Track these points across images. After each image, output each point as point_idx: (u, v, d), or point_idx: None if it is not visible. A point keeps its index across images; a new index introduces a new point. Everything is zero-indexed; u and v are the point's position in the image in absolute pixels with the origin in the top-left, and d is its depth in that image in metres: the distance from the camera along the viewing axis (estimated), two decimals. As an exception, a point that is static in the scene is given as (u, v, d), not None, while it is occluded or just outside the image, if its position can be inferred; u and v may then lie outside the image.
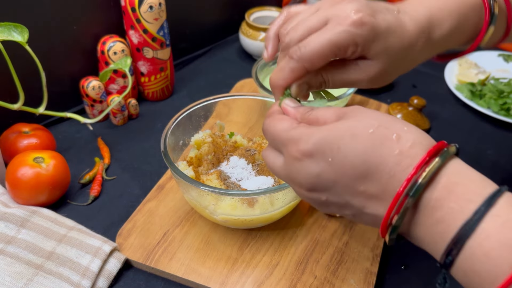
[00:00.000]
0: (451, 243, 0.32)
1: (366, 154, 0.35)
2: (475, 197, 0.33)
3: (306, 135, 0.38)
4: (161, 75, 0.88)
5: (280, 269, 0.58)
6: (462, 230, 0.32)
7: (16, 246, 0.57)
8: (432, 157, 0.34)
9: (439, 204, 0.33)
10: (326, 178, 0.37)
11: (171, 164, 0.57)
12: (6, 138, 0.70)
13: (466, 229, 0.32)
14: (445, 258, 0.33)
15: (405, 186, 0.34)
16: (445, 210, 0.33)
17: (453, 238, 0.32)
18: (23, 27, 0.64)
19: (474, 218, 0.31)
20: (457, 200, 0.33)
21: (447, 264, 0.33)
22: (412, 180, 0.33)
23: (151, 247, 0.60)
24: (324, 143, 0.36)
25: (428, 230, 0.34)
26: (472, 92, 0.93)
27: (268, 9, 1.08)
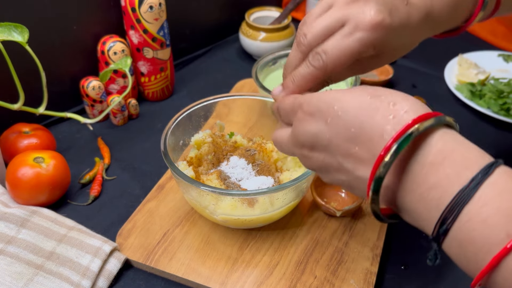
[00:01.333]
0: (446, 211, 0.31)
1: (360, 116, 0.36)
2: (472, 164, 0.32)
3: (309, 97, 0.40)
4: (161, 75, 0.88)
5: (280, 269, 0.58)
6: (458, 197, 0.31)
7: (16, 246, 0.57)
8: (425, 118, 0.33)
9: (434, 169, 0.32)
10: (323, 136, 0.38)
11: (171, 164, 0.57)
12: (6, 138, 0.70)
13: (462, 196, 0.31)
14: (439, 228, 0.32)
15: (391, 143, 0.33)
16: (440, 175, 0.32)
17: (449, 204, 0.31)
18: (23, 27, 0.64)
19: (471, 185, 0.31)
20: (453, 166, 0.32)
21: (440, 234, 0.32)
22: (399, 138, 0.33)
23: (151, 247, 0.60)
24: (323, 103, 0.38)
25: (421, 197, 0.33)
26: (472, 92, 0.93)
27: (268, 9, 1.08)
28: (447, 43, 1.12)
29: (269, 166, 0.65)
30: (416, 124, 0.33)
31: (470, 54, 1.07)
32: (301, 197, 0.62)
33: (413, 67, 1.06)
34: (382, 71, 0.98)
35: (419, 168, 0.33)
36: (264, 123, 0.75)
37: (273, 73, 0.88)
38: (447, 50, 1.08)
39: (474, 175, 0.31)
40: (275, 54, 0.88)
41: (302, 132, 0.40)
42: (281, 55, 0.89)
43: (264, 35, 1.00)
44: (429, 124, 0.33)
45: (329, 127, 0.37)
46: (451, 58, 1.05)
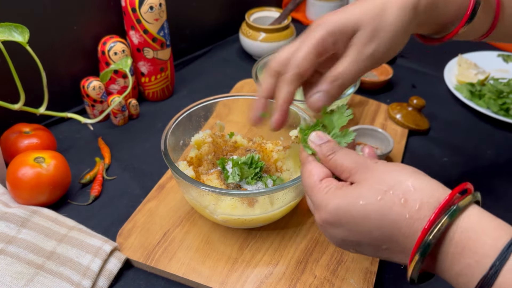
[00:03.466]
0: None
1: (379, 221, 0.38)
2: (490, 251, 0.34)
3: (325, 203, 0.41)
4: (162, 75, 0.88)
5: (280, 268, 0.59)
6: (481, 284, 0.34)
7: (17, 246, 0.57)
8: (440, 216, 0.36)
9: (456, 259, 0.35)
10: (351, 240, 0.41)
11: (171, 164, 0.57)
12: (6, 138, 0.70)
13: (485, 283, 0.33)
14: None
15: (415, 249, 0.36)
16: (462, 265, 0.35)
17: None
18: (24, 28, 0.64)
19: (491, 272, 0.33)
20: (473, 256, 0.35)
21: None
22: (422, 242, 0.36)
23: (151, 247, 0.60)
24: (339, 212, 0.40)
25: (452, 280, 0.37)
26: (472, 92, 0.93)
27: (268, 10, 1.08)
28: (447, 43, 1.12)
29: (269, 166, 0.65)
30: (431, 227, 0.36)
31: (469, 54, 1.07)
32: (301, 197, 0.62)
33: (412, 67, 1.06)
34: (382, 71, 0.98)
35: (444, 257, 0.36)
36: (264, 123, 0.75)
37: (273, 73, 0.88)
38: (446, 50, 1.08)
39: (492, 263, 0.33)
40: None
41: (329, 236, 0.43)
42: (281, 55, 0.89)
43: (264, 35, 1.00)
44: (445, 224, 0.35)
45: (353, 233, 0.40)
46: (450, 58, 1.05)
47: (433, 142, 0.85)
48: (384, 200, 0.38)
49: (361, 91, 0.95)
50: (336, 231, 0.41)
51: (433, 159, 0.81)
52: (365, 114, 0.89)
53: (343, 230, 0.41)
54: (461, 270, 0.35)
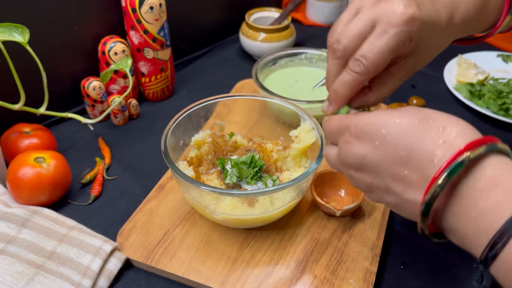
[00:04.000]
0: (496, 236, 0.32)
1: (410, 140, 0.36)
2: None
3: (356, 120, 0.40)
4: (162, 76, 0.88)
5: (280, 268, 0.59)
6: (508, 224, 0.31)
7: (17, 245, 0.57)
8: (477, 145, 0.34)
9: (484, 195, 0.33)
10: (371, 159, 0.39)
11: (171, 164, 0.58)
12: (7, 138, 0.71)
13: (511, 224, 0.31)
14: (488, 252, 0.32)
15: (443, 169, 0.34)
16: (490, 201, 0.32)
17: (499, 230, 0.32)
18: (24, 28, 0.64)
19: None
20: (504, 193, 0.32)
21: (489, 258, 0.32)
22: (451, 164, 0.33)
23: (151, 247, 0.60)
24: (371, 127, 0.39)
25: (470, 221, 0.34)
26: (471, 92, 0.93)
27: (268, 10, 1.08)
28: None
29: (269, 166, 0.65)
30: (467, 151, 0.33)
31: (469, 54, 1.07)
32: (301, 197, 0.62)
33: (412, 68, 1.06)
34: (381, 71, 0.98)
35: (469, 193, 0.34)
36: (264, 123, 0.75)
37: (273, 74, 0.89)
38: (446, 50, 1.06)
39: None
40: (275, 55, 0.88)
41: (349, 154, 0.41)
42: (281, 56, 0.89)
43: (264, 35, 1.00)
44: (479, 152, 0.33)
45: (378, 150, 0.38)
46: (450, 59, 1.05)
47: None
48: (421, 123, 0.36)
49: (361, 91, 0.95)
50: (360, 147, 0.39)
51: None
52: (365, 114, 0.89)
53: (369, 145, 0.39)
54: (487, 208, 0.32)
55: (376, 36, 0.42)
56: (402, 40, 0.42)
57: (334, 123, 0.44)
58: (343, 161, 0.42)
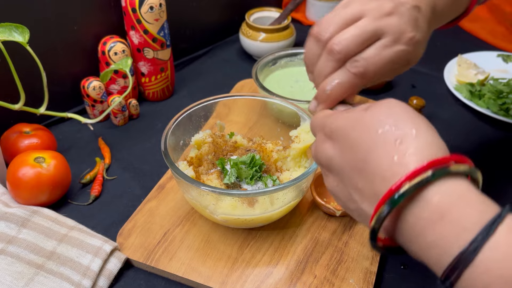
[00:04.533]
0: (448, 270, 0.30)
1: (367, 151, 0.36)
2: (472, 225, 0.30)
3: (332, 119, 0.41)
4: (162, 76, 0.88)
5: (280, 268, 0.59)
6: (458, 260, 0.30)
7: (17, 245, 0.57)
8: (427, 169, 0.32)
9: (432, 227, 0.31)
10: (336, 163, 0.39)
11: (171, 164, 0.58)
12: (7, 138, 0.70)
13: (462, 259, 0.30)
14: (444, 280, 0.31)
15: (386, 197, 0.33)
16: (437, 235, 0.31)
17: (449, 265, 0.30)
18: (24, 28, 0.64)
19: (470, 248, 0.29)
20: (451, 227, 0.31)
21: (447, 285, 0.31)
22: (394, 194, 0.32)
23: (151, 247, 0.60)
24: (340, 129, 0.39)
25: (422, 250, 0.33)
26: (471, 92, 0.93)
27: (268, 10, 1.08)
28: (447, 43, 1.12)
29: (269, 166, 0.65)
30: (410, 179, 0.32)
31: (469, 54, 1.07)
32: (301, 197, 0.62)
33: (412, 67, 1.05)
34: (381, 71, 0.98)
35: (416, 221, 0.32)
36: (264, 123, 0.75)
37: (273, 74, 0.89)
38: (446, 50, 1.08)
39: (474, 238, 0.29)
40: (275, 55, 0.88)
41: (319, 152, 0.42)
42: (281, 56, 0.89)
43: (264, 35, 1.00)
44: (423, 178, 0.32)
45: (343, 155, 0.38)
46: (450, 59, 1.05)
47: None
48: (382, 133, 0.36)
49: (361, 91, 0.95)
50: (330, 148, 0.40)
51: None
52: (365, 114, 0.89)
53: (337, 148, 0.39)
54: (435, 242, 0.31)
55: (382, 45, 0.44)
56: (403, 58, 0.45)
57: (318, 119, 0.44)
58: (317, 158, 0.43)
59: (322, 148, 0.41)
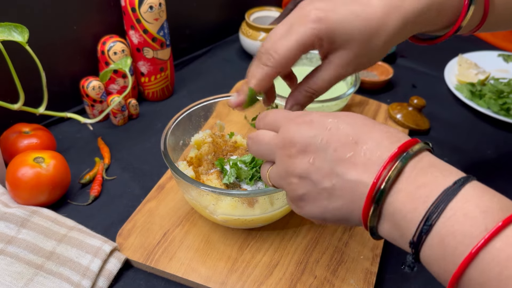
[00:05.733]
0: (433, 206, 0.33)
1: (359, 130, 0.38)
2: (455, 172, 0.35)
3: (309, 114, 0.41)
4: (161, 75, 0.88)
5: (280, 269, 0.58)
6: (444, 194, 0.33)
7: (16, 246, 0.57)
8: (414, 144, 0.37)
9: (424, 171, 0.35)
10: (321, 139, 0.39)
11: (171, 164, 0.57)
12: (6, 138, 0.70)
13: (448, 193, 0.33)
14: (423, 226, 0.33)
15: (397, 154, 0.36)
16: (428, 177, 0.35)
17: (436, 200, 0.33)
18: (23, 27, 0.64)
19: (456, 185, 0.34)
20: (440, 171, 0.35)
21: (423, 233, 0.33)
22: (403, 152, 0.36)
23: (151, 247, 0.60)
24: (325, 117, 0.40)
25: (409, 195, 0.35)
26: (472, 92, 0.93)
27: (268, 9, 1.08)
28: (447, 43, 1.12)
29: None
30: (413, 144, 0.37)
31: (470, 54, 1.07)
32: (301, 197, 0.62)
33: (413, 67, 1.06)
34: (382, 71, 0.98)
35: (411, 171, 0.35)
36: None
37: (273, 73, 0.88)
38: (447, 50, 1.08)
39: (458, 179, 0.34)
40: (275, 54, 0.88)
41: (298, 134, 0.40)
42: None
43: (264, 35, 1.00)
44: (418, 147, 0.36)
45: (329, 132, 0.39)
46: (451, 58, 1.05)
47: (434, 142, 0.84)
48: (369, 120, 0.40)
49: (361, 91, 0.95)
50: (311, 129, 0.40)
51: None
52: (365, 114, 0.89)
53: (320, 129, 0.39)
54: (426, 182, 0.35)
55: (287, 34, 0.46)
56: (309, 37, 0.45)
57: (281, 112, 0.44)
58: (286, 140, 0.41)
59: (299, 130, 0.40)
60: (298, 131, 0.40)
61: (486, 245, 0.31)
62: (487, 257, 0.31)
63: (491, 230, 0.31)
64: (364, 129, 0.38)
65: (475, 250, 0.31)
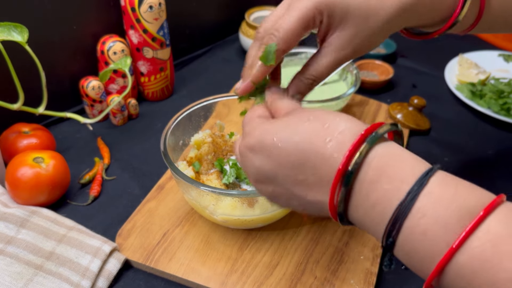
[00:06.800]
0: (389, 225, 0.33)
1: (300, 143, 0.37)
2: (408, 177, 0.33)
3: (253, 129, 0.41)
4: (161, 75, 0.88)
5: (280, 269, 0.58)
6: (398, 211, 0.32)
7: (16, 246, 0.57)
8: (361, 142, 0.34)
9: (373, 187, 0.34)
10: (267, 169, 0.39)
11: (171, 164, 0.57)
12: (5, 138, 0.70)
13: (402, 210, 0.32)
14: (386, 240, 0.33)
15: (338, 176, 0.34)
16: (379, 192, 0.33)
17: (391, 219, 0.33)
18: (23, 27, 0.64)
19: (408, 198, 0.32)
20: (390, 182, 0.33)
21: (389, 245, 0.33)
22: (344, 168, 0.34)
23: (151, 247, 0.60)
24: (263, 137, 0.39)
25: (367, 213, 0.35)
26: (472, 92, 0.93)
27: (268, 9, 1.08)
28: (447, 43, 1.12)
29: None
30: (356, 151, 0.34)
31: (470, 54, 1.07)
32: (301, 197, 0.62)
33: (413, 67, 1.06)
34: (382, 71, 0.98)
35: (360, 186, 0.35)
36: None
37: (273, 73, 0.88)
38: (447, 50, 1.08)
39: (410, 188, 0.32)
40: (275, 54, 0.88)
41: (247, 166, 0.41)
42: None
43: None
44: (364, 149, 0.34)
45: (272, 159, 0.39)
46: (451, 58, 1.05)
47: (434, 142, 0.84)
48: (308, 124, 0.37)
49: (361, 91, 0.95)
50: (254, 159, 0.40)
51: (434, 159, 0.80)
52: (366, 114, 0.88)
53: (262, 156, 0.39)
54: (378, 199, 0.33)
55: (287, 12, 0.44)
56: (310, 11, 0.44)
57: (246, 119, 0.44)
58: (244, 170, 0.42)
59: (247, 162, 0.41)
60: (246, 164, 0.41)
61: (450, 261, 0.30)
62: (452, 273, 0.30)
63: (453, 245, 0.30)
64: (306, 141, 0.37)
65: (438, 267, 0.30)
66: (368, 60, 1.00)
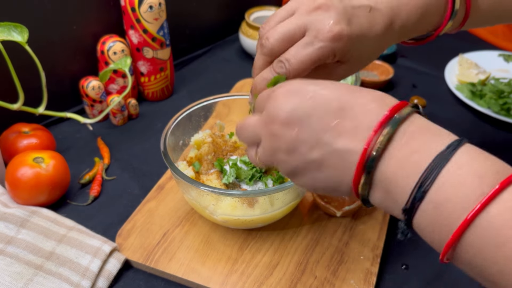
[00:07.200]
0: (426, 172, 0.32)
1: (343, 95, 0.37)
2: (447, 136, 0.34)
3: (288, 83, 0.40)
4: (161, 75, 0.88)
5: (280, 269, 0.58)
6: (437, 159, 0.32)
7: (16, 246, 0.57)
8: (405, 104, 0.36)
9: (415, 136, 0.34)
10: (303, 110, 0.37)
11: (171, 164, 0.57)
12: (6, 138, 0.70)
13: (441, 158, 0.32)
14: (416, 193, 0.33)
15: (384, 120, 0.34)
16: (420, 142, 0.34)
17: (429, 166, 0.32)
18: (23, 27, 0.64)
19: (448, 150, 0.33)
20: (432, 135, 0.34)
21: (416, 200, 0.33)
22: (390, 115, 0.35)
23: (151, 247, 0.60)
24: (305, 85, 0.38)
25: (401, 162, 0.34)
26: (472, 92, 0.93)
27: (268, 9, 1.08)
28: (447, 43, 1.12)
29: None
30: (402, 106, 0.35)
31: (470, 54, 1.07)
32: (301, 197, 0.62)
33: (413, 67, 1.06)
34: (382, 71, 0.98)
35: (402, 136, 0.34)
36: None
37: (273, 73, 0.88)
38: (447, 50, 1.08)
39: (451, 143, 0.33)
40: (275, 54, 0.88)
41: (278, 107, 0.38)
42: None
43: (264, 35, 0.99)
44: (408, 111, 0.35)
45: (311, 101, 0.37)
46: (451, 58, 1.05)
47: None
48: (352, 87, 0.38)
49: (361, 91, 0.95)
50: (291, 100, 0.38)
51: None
52: (366, 114, 0.88)
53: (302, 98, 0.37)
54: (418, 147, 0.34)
55: (302, 45, 0.43)
56: (326, 54, 0.44)
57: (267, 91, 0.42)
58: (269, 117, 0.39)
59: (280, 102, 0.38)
60: (278, 106, 0.38)
61: (483, 210, 0.30)
62: (484, 222, 0.30)
63: (488, 194, 0.30)
64: (348, 94, 0.37)
65: (471, 216, 0.30)
66: (368, 60, 1.00)
